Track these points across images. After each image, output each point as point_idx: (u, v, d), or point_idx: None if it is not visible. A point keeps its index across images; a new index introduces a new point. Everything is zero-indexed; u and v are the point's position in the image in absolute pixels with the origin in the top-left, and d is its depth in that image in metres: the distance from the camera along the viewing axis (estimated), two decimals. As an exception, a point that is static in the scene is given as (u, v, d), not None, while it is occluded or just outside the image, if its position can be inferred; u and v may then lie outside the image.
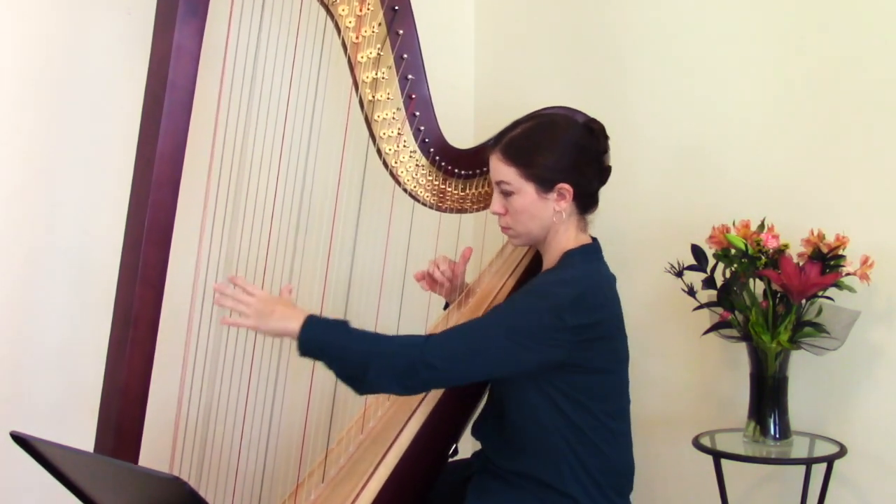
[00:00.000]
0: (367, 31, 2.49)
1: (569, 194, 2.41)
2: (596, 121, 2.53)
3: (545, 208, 2.43)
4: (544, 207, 2.42)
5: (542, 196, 2.41)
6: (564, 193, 2.41)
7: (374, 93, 2.55)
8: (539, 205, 2.42)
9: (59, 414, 2.75)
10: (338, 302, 2.77)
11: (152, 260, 2.25)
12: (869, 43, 2.77)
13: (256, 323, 2.32)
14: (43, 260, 2.74)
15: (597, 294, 2.39)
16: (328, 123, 2.71)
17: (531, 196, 2.41)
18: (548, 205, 2.42)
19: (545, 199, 2.42)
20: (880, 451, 2.78)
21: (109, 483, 1.97)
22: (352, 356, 2.29)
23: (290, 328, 2.30)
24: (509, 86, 3.62)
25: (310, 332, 2.29)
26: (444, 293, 2.80)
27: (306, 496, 2.46)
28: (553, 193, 2.41)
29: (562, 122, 2.49)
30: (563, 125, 2.48)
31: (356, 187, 2.66)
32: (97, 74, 2.78)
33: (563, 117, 2.53)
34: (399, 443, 2.45)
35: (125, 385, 2.25)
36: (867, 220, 2.75)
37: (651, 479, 3.18)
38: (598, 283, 2.42)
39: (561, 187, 2.41)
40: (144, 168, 2.25)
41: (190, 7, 2.23)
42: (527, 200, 2.42)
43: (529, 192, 2.41)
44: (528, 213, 2.43)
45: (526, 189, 2.41)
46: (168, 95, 2.21)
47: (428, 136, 2.63)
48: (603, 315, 2.38)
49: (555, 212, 2.43)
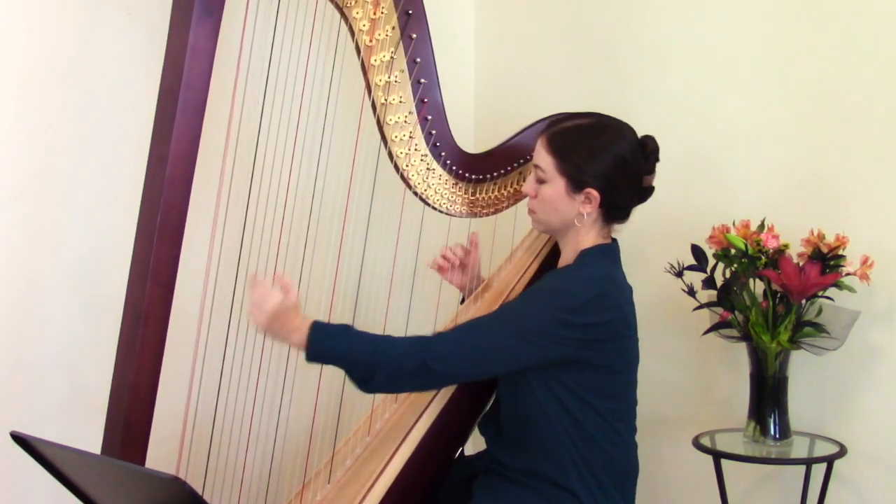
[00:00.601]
0: (380, 34, 2.49)
1: (595, 200, 2.41)
2: (652, 140, 2.53)
3: (570, 207, 2.43)
4: (570, 205, 2.43)
5: (570, 194, 2.42)
6: (591, 198, 2.41)
7: (387, 96, 2.55)
8: (565, 201, 2.43)
9: (63, 413, 2.74)
10: (347, 300, 2.77)
11: (164, 258, 2.25)
12: (869, 43, 2.78)
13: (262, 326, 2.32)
14: (53, 259, 2.73)
15: (609, 294, 2.39)
16: (340, 125, 2.71)
17: (560, 190, 2.42)
18: (573, 204, 2.43)
19: (572, 198, 2.42)
20: (880, 451, 2.79)
21: (109, 483, 1.97)
22: (360, 361, 2.31)
23: (296, 338, 2.32)
24: (510, 87, 3.62)
25: (316, 341, 2.31)
26: (456, 281, 2.81)
27: (312, 496, 2.45)
28: (581, 195, 2.41)
29: (614, 131, 2.48)
30: (615, 134, 2.47)
31: (367, 189, 2.66)
32: (108, 74, 2.78)
33: (617, 127, 2.50)
34: (406, 445, 2.45)
35: (134, 382, 2.25)
36: (867, 220, 2.76)
37: (651, 479, 3.18)
38: (611, 283, 2.42)
39: (589, 192, 2.41)
40: (157, 166, 2.25)
41: (205, 8, 2.23)
42: (555, 193, 2.43)
43: (560, 186, 2.42)
44: (553, 206, 2.44)
45: (557, 182, 2.42)
46: (182, 94, 2.22)
47: (439, 140, 2.63)
48: (614, 315, 2.38)
49: (578, 213, 2.43)
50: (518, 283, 2.67)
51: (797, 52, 2.92)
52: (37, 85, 2.68)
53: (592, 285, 2.36)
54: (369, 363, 2.30)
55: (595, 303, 2.34)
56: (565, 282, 2.41)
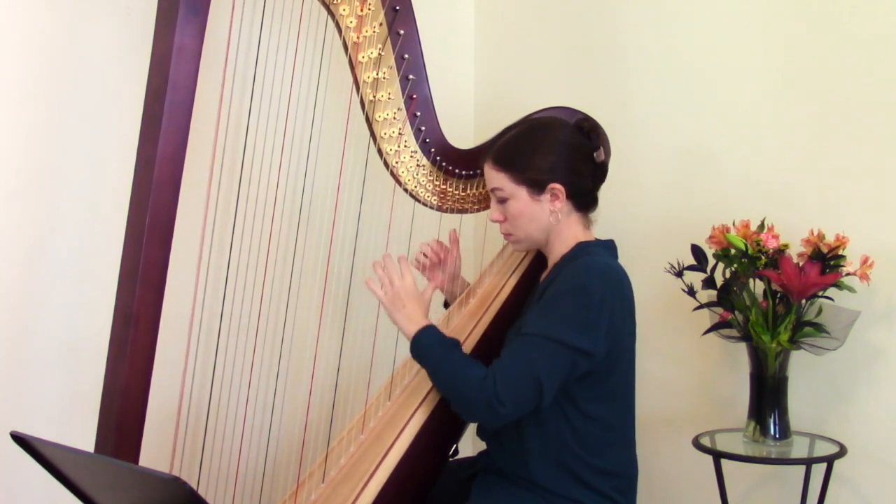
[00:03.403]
0: (367, 31, 2.49)
1: (562, 194, 2.41)
2: (588, 118, 2.53)
3: (541, 210, 2.43)
4: (540, 209, 2.43)
5: (535, 198, 2.42)
6: (557, 193, 2.41)
7: (375, 93, 2.55)
8: (534, 207, 2.43)
9: (60, 414, 2.75)
10: (338, 302, 2.77)
11: (153, 259, 2.24)
12: (869, 43, 2.76)
13: (387, 305, 2.46)
14: (44, 260, 2.73)
15: (622, 284, 2.40)
16: (329, 123, 2.71)
17: (525, 199, 2.42)
18: (543, 206, 2.43)
19: (539, 201, 2.42)
20: (880, 451, 2.77)
21: (109, 483, 1.96)
22: (441, 380, 2.39)
23: (407, 330, 2.43)
24: (509, 86, 3.62)
25: (419, 342, 2.40)
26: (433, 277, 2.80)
27: (307, 496, 2.46)
28: (546, 194, 2.41)
29: (550, 124, 2.50)
30: (551, 127, 2.48)
31: (357, 187, 2.66)
32: (98, 74, 2.78)
33: (551, 119, 2.53)
34: (400, 443, 2.45)
35: (126, 385, 2.25)
36: (867, 220, 2.75)
37: (651, 479, 3.18)
38: (622, 275, 2.43)
39: (553, 187, 2.41)
40: (145, 168, 2.25)
41: (191, 7, 2.22)
42: (521, 204, 2.43)
43: (522, 195, 2.42)
44: (526, 217, 2.44)
45: (518, 193, 2.42)
46: (169, 95, 2.21)
47: (429, 136, 2.63)
48: (629, 306, 2.42)
49: (550, 212, 2.43)
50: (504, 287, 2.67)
51: (797, 52, 2.90)
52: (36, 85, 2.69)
53: (613, 273, 2.38)
54: (448, 384, 2.37)
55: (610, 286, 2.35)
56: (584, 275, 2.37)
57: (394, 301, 2.44)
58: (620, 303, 2.37)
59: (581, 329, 2.29)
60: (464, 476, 2.59)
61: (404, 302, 2.44)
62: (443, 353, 2.37)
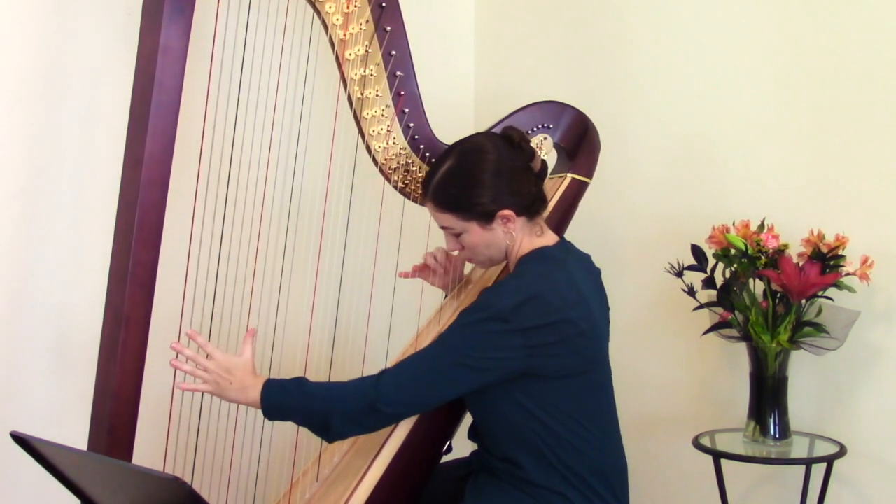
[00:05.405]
0: (354, 28, 2.48)
1: (512, 216, 2.39)
2: (512, 129, 2.48)
3: (496, 235, 2.41)
4: (495, 235, 2.41)
5: (488, 227, 2.40)
6: (507, 217, 2.39)
7: (363, 90, 2.54)
8: (488, 235, 2.41)
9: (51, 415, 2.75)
10: (329, 301, 2.76)
11: (142, 260, 2.24)
12: (869, 43, 2.76)
13: (215, 391, 2.35)
14: (33, 261, 2.74)
15: (548, 297, 2.31)
16: (317, 121, 2.70)
17: (478, 231, 2.40)
18: (497, 232, 2.40)
19: (492, 229, 2.40)
20: (880, 451, 2.78)
21: (109, 483, 1.97)
22: (314, 413, 2.33)
23: (249, 398, 2.34)
24: (509, 83, 3.62)
25: (270, 400, 2.33)
26: (438, 283, 2.78)
27: (301, 495, 2.45)
28: (497, 221, 2.39)
29: (480, 148, 2.43)
30: (482, 151, 2.42)
31: (346, 185, 2.65)
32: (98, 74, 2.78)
33: (478, 145, 2.45)
34: (393, 440, 2.44)
35: (117, 385, 2.25)
36: (867, 220, 2.75)
37: (651, 479, 3.18)
38: (549, 285, 2.34)
39: (501, 214, 2.38)
40: (133, 168, 2.25)
41: (177, 6, 2.22)
42: (475, 236, 2.41)
43: (475, 228, 2.40)
44: (483, 245, 2.43)
45: (469, 227, 2.40)
46: (155, 96, 2.20)
47: (417, 132, 2.61)
48: (559, 317, 2.31)
49: (505, 233, 2.41)
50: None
51: (797, 52, 2.90)
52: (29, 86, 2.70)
53: (518, 292, 2.31)
54: (322, 412, 2.31)
55: (526, 306, 2.28)
56: (491, 295, 2.36)
57: (218, 383, 2.34)
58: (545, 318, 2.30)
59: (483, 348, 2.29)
60: (457, 476, 2.58)
61: (229, 378, 2.34)
62: (298, 392, 2.33)
